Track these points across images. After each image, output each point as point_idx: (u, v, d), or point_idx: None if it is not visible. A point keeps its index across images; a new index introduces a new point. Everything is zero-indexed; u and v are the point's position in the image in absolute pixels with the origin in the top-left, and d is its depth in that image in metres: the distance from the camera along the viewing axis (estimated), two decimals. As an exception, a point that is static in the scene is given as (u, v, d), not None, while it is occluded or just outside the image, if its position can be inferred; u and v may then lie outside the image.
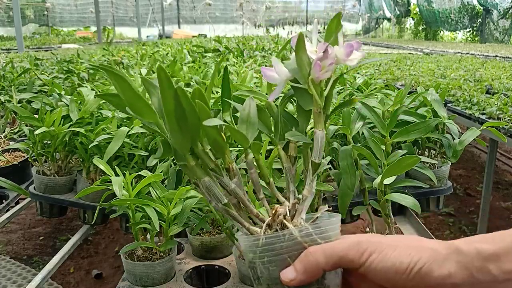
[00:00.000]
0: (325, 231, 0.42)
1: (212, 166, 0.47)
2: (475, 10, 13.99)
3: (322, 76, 0.44)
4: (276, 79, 0.48)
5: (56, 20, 21.52)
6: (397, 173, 0.81)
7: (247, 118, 0.48)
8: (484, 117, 1.95)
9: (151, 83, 0.45)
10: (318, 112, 0.46)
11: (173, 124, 0.43)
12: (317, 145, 0.47)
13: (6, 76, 2.11)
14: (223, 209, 0.46)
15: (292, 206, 0.46)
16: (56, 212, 1.30)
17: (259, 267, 0.42)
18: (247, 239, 0.43)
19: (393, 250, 0.39)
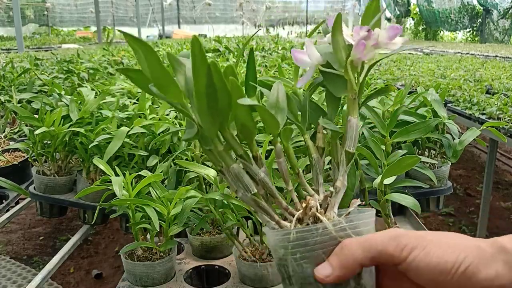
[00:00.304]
0: (359, 226, 0.40)
1: (241, 153, 0.43)
2: (475, 10, 14.00)
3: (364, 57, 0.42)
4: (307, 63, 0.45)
5: (56, 20, 21.53)
6: (397, 173, 0.81)
7: (276, 104, 0.45)
8: (484, 117, 1.95)
9: (178, 60, 0.42)
10: (353, 98, 0.43)
11: (203, 104, 0.39)
12: (351, 133, 0.44)
13: (6, 76, 2.12)
14: (251, 199, 0.43)
15: (323, 199, 0.42)
16: (56, 212, 1.30)
17: (291, 264, 0.39)
18: (277, 233, 0.40)
19: (437, 247, 0.36)
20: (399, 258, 0.37)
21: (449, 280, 0.35)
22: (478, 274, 0.35)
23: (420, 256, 0.36)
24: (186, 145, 1.04)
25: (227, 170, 0.43)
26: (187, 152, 1.01)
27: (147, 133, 1.11)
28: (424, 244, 0.36)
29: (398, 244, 0.37)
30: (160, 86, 0.40)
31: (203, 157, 0.99)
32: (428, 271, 0.36)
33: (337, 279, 0.38)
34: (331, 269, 0.38)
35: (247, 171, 0.44)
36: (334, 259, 0.38)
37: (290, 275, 0.40)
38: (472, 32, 14.54)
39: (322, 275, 0.38)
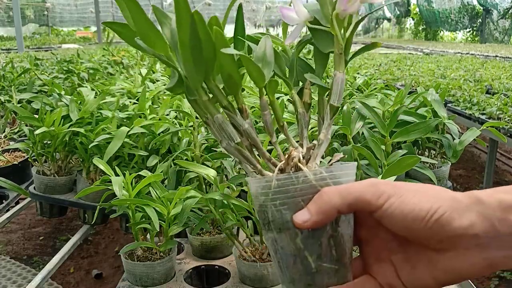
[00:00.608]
0: (340, 176, 0.40)
1: (225, 104, 0.44)
2: (475, 10, 14.00)
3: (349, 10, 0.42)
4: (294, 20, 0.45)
5: (56, 20, 21.53)
6: (397, 173, 0.81)
7: (263, 57, 0.45)
8: (484, 117, 1.95)
9: (163, 12, 0.43)
10: (339, 53, 0.44)
11: (187, 54, 0.39)
12: (336, 88, 0.44)
13: (6, 76, 2.12)
14: (235, 148, 0.43)
15: (306, 151, 0.43)
16: (56, 212, 1.30)
17: (271, 210, 0.40)
18: (259, 181, 0.41)
19: (412, 195, 0.37)
20: (375, 205, 0.37)
21: (422, 228, 0.36)
22: (452, 223, 0.35)
23: (395, 203, 0.37)
24: (186, 145, 1.04)
25: (211, 121, 0.44)
26: (187, 152, 1.01)
27: (147, 133, 1.11)
28: (400, 192, 0.37)
29: (375, 191, 0.37)
30: (146, 39, 0.41)
31: (203, 157, 0.99)
32: (402, 218, 0.36)
33: (314, 224, 0.38)
34: (309, 215, 0.38)
35: (232, 122, 0.44)
36: (312, 206, 0.39)
37: (269, 221, 0.41)
38: (472, 32, 14.54)
39: (300, 220, 0.39)
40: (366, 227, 0.42)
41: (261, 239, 0.86)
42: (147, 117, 1.15)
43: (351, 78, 1.80)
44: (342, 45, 0.44)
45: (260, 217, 0.42)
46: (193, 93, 0.43)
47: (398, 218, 0.37)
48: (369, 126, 1.02)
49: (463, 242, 0.36)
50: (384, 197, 0.37)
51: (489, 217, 0.35)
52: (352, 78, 1.80)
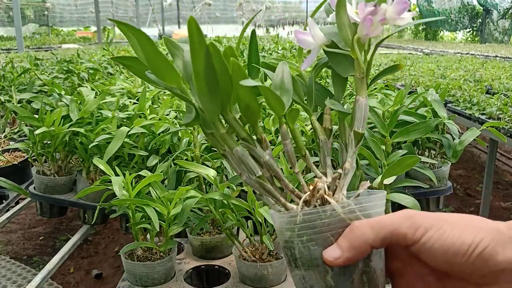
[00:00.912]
0: (369, 208, 0.38)
1: (244, 135, 0.42)
2: (475, 10, 14.00)
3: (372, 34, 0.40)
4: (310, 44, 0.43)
5: (56, 20, 21.53)
6: (397, 173, 0.81)
7: (281, 85, 0.43)
8: (484, 117, 1.95)
9: (175, 43, 0.41)
10: (361, 78, 0.42)
11: (202, 86, 0.38)
12: (360, 114, 0.42)
13: (6, 76, 2.12)
14: (256, 182, 0.42)
15: (332, 181, 0.41)
16: (56, 212, 1.30)
17: (298, 246, 0.38)
18: (284, 215, 0.39)
19: (452, 228, 0.34)
20: (412, 238, 0.35)
21: (464, 262, 0.34)
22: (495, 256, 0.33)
23: (434, 236, 0.34)
24: (186, 145, 1.04)
25: (230, 154, 0.42)
26: (187, 152, 1.01)
27: (147, 133, 1.11)
28: (439, 224, 0.35)
29: (411, 224, 0.35)
30: (157, 72, 0.39)
31: (203, 157, 0.99)
32: (442, 252, 0.34)
33: (347, 261, 0.36)
34: (340, 251, 0.36)
35: (251, 153, 0.43)
36: (343, 241, 0.37)
37: (296, 258, 0.39)
38: (472, 32, 14.54)
39: (331, 257, 0.37)
40: (399, 259, 0.39)
41: (261, 239, 0.86)
42: (147, 117, 1.15)
43: (351, 78, 1.80)
44: (364, 69, 0.42)
45: (286, 253, 0.40)
46: (210, 126, 0.42)
47: (438, 253, 0.34)
48: (369, 126, 1.02)
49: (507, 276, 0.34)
50: (421, 230, 0.35)
51: None
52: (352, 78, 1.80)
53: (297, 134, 0.46)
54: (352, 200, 0.38)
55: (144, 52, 0.39)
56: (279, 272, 0.85)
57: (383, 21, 0.40)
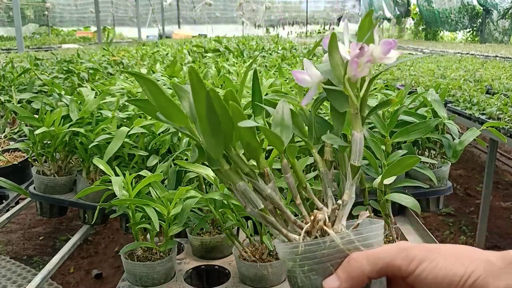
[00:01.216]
0: (368, 238, 0.40)
1: (247, 170, 0.46)
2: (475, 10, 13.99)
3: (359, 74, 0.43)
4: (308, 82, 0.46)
5: (56, 20, 21.53)
6: (397, 173, 0.81)
7: (281, 121, 0.47)
8: (484, 117, 1.95)
9: (182, 88, 0.45)
10: (355, 113, 0.45)
11: (206, 127, 0.41)
12: (355, 148, 0.45)
13: (6, 76, 2.11)
14: (259, 214, 0.45)
15: (331, 212, 0.44)
16: (56, 212, 1.30)
17: (300, 276, 0.40)
18: (286, 246, 0.41)
19: (444, 259, 0.36)
20: (406, 270, 0.37)
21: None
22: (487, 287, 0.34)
23: (428, 268, 0.36)
24: (186, 145, 1.04)
25: (234, 188, 0.45)
26: (187, 152, 1.01)
27: (147, 133, 1.11)
28: (432, 256, 0.36)
29: (406, 256, 0.37)
30: (166, 114, 0.44)
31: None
32: (436, 284, 0.36)
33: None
34: (339, 282, 0.38)
35: (255, 187, 0.46)
36: (341, 272, 0.39)
37: (299, 286, 0.41)
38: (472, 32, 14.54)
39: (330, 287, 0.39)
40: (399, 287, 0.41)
41: (261, 239, 0.86)
42: (147, 117, 1.15)
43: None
44: (357, 105, 0.45)
45: (290, 281, 0.42)
46: (215, 163, 0.45)
47: (432, 284, 0.36)
48: (369, 126, 1.02)
49: None
50: (415, 262, 0.36)
51: None
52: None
53: (297, 168, 0.49)
54: (351, 231, 0.40)
55: (153, 97, 0.43)
56: (279, 272, 0.85)
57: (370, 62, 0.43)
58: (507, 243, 2.60)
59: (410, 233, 1.12)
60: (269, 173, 0.46)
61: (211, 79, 1.69)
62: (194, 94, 0.41)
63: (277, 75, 1.69)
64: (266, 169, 0.46)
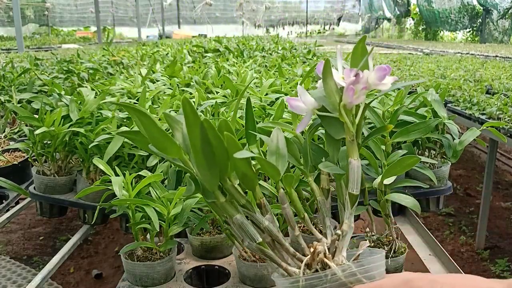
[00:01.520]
0: (370, 270, 0.39)
1: (243, 202, 0.44)
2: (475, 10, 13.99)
3: (355, 101, 0.42)
4: (302, 110, 0.46)
5: (56, 20, 21.53)
6: (397, 173, 0.81)
7: (276, 150, 0.46)
8: (484, 117, 1.95)
9: (174, 118, 0.44)
10: (351, 140, 0.44)
11: (200, 159, 0.40)
12: (353, 176, 0.44)
13: (6, 76, 2.11)
14: (257, 248, 0.44)
15: (331, 243, 0.43)
16: (56, 212, 1.30)
17: None
18: (286, 281, 0.40)
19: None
20: None
21: None
22: None
23: None
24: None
25: (231, 221, 0.44)
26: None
27: (147, 133, 1.11)
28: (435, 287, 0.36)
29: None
30: (158, 146, 0.42)
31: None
32: None
33: None
34: None
35: (252, 219, 0.44)
36: None
37: None
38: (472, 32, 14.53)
39: None
40: None
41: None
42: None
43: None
44: (353, 132, 0.44)
45: None
46: (210, 196, 0.44)
47: None
48: (369, 126, 1.02)
49: None
50: None
51: None
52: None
53: (294, 197, 0.47)
54: (352, 263, 0.40)
55: (146, 128, 0.42)
56: (279, 272, 0.85)
57: (365, 89, 0.42)
58: (507, 243, 2.60)
59: (410, 233, 1.12)
60: (266, 205, 0.45)
61: (211, 79, 1.69)
62: (188, 125, 0.39)
63: (277, 75, 1.69)
64: (262, 200, 0.45)
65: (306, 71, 1.95)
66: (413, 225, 1.16)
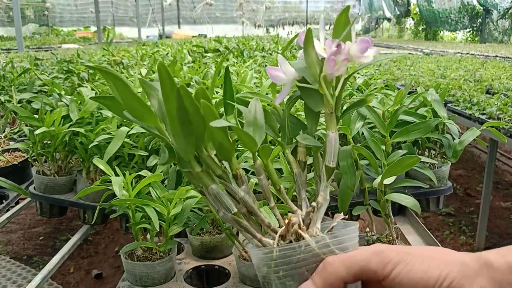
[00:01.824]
0: (343, 241, 0.39)
1: (219, 173, 0.43)
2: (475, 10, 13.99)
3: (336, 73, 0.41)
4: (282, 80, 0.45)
5: (56, 20, 21.54)
6: (397, 173, 0.81)
7: (254, 121, 0.45)
8: (484, 117, 1.95)
9: (150, 84, 0.43)
10: (330, 113, 0.43)
11: (176, 127, 0.39)
12: (330, 148, 0.43)
13: (6, 76, 2.12)
14: (232, 219, 0.43)
15: (306, 215, 0.42)
16: (56, 212, 1.30)
17: (275, 282, 0.39)
18: (260, 251, 0.40)
19: (420, 262, 0.36)
20: (382, 274, 0.36)
21: None
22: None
23: (403, 271, 0.36)
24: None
25: (206, 191, 0.43)
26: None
27: (147, 133, 1.11)
28: (407, 259, 0.36)
29: (381, 260, 0.36)
30: (133, 113, 0.41)
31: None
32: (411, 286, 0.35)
33: None
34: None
35: (227, 190, 0.44)
36: (317, 278, 0.38)
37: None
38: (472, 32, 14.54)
39: None
40: None
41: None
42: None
43: (351, 78, 1.80)
44: (332, 104, 0.43)
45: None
46: (186, 165, 0.43)
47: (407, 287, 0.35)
48: (369, 126, 1.02)
49: None
50: (391, 265, 0.36)
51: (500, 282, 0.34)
52: (352, 78, 1.80)
53: (270, 169, 0.47)
54: (326, 234, 0.39)
55: (121, 94, 0.40)
56: (279, 272, 0.85)
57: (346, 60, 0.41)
58: (507, 243, 2.59)
59: (410, 233, 1.12)
60: (242, 175, 0.44)
61: (211, 79, 1.69)
62: (164, 92, 0.38)
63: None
64: (239, 171, 0.44)
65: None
66: (413, 225, 1.16)
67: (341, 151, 0.87)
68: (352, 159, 0.86)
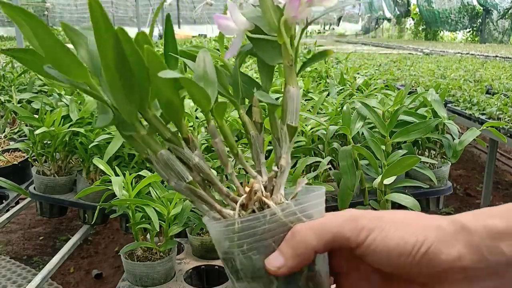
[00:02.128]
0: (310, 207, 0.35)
1: (169, 136, 0.37)
2: (475, 10, 14.00)
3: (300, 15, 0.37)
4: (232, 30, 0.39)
5: (56, 20, 21.53)
6: (397, 173, 0.81)
7: (204, 75, 0.38)
8: (484, 117, 1.95)
9: (77, 31, 0.36)
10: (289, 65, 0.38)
11: (115, 81, 0.33)
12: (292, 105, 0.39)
13: (6, 76, 2.12)
14: (187, 188, 0.37)
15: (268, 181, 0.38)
16: (56, 212, 1.30)
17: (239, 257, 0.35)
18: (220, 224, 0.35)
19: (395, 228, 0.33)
20: (356, 241, 0.33)
21: (409, 263, 0.33)
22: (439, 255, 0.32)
23: (378, 238, 0.33)
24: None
25: (154, 158, 0.37)
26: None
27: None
28: (382, 225, 0.33)
29: (355, 227, 0.34)
30: (58, 66, 0.33)
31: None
32: (386, 254, 0.33)
33: (291, 269, 0.34)
34: (283, 259, 0.34)
35: (179, 156, 0.38)
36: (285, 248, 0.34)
37: (238, 269, 0.35)
38: (472, 32, 14.54)
39: (274, 266, 0.34)
40: (343, 259, 0.37)
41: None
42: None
43: (351, 79, 1.80)
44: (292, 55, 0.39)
45: (227, 265, 0.36)
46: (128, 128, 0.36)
47: (382, 255, 0.33)
48: (369, 126, 1.02)
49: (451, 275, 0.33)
50: (365, 232, 0.33)
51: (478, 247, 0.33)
52: (352, 78, 1.80)
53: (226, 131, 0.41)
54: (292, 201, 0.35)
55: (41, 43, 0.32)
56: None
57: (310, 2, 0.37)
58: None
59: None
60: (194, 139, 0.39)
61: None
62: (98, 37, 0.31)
63: (277, 75, 1.69)
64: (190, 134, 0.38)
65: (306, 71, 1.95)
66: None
67: (341, 151, 0.87)
68: (352, 159, 0.86)
